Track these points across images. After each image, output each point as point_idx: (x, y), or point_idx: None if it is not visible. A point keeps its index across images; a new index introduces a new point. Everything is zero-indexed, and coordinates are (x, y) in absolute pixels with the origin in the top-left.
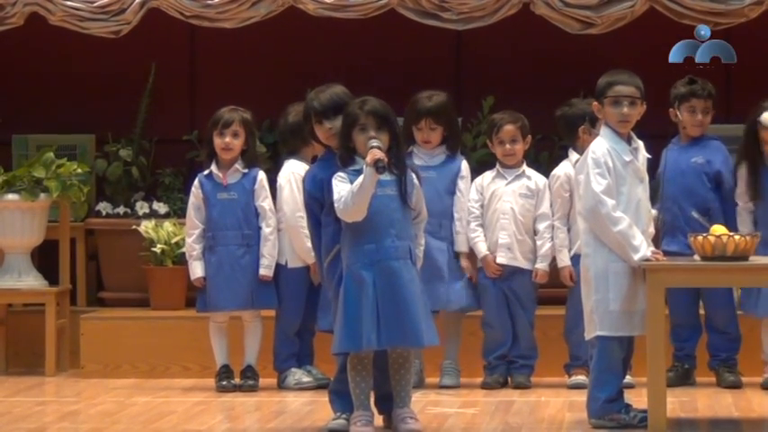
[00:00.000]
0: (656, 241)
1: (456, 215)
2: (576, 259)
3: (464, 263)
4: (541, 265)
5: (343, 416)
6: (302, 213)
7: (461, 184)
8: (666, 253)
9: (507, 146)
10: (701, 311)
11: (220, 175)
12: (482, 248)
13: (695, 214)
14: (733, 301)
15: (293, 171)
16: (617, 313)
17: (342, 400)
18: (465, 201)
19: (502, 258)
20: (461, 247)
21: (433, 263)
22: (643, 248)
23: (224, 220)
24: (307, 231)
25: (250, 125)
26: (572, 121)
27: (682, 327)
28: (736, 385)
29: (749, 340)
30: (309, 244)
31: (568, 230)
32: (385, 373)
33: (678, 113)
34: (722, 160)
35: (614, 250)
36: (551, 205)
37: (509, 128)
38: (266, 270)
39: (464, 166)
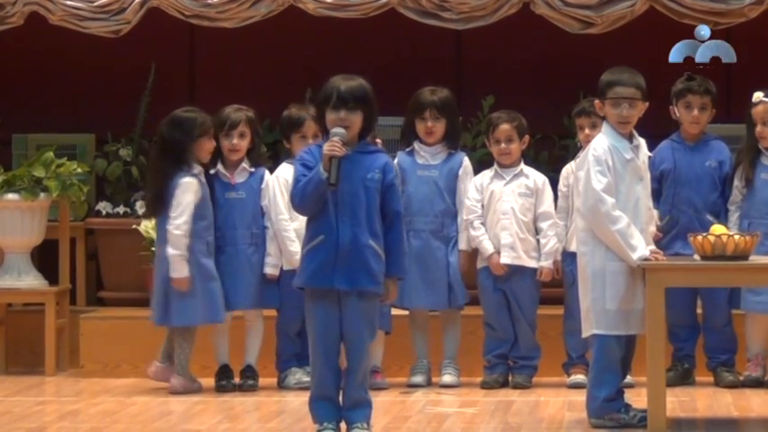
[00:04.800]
0: (661, 241)
1: (458, 214)
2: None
3: (463, 260)
4: (546, 263)
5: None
6: (285, 216)
7: (461, 181)
8: (682, 256)
9: (503, 145)
10: (698, 311)
11: (228, 174)
12: (488, 247)
13: (710, 217)
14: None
15: (278, 175)
16: (613, 312)
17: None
18: (465, 199)
19: (506, 258)
20: (462, 245)
21: (435, 262)
22: (641, 248)
23: (233, 219)
24: (289, 234)
25: (255, 124)
26: None
27: (679, 327)
28: (735, 385)
29: (742, 339)
30: (292, 248)
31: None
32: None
33: (676, 110)
34: (729, 161)
35: (612, 249)
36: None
37: (505, 127)
38: (272, 269)
39: (465, 162)
